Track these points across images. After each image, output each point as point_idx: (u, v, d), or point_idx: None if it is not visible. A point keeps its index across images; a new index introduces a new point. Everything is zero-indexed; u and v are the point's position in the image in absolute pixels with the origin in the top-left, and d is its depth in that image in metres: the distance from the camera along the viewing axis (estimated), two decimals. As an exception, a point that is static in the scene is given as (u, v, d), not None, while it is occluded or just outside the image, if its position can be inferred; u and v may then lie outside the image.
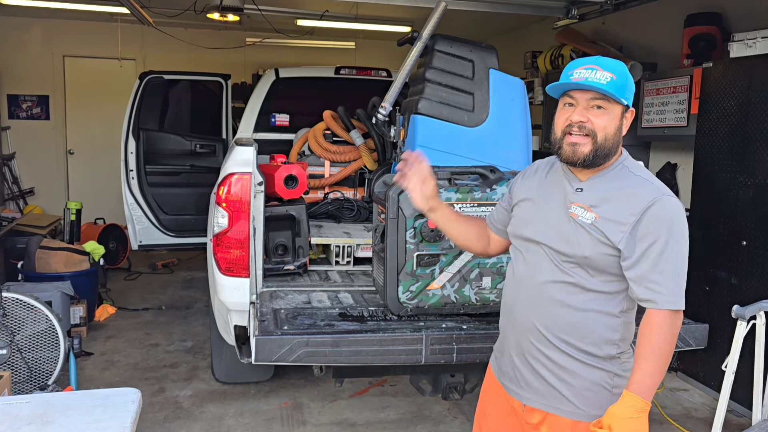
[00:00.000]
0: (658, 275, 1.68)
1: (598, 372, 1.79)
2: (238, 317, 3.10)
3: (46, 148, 8.86)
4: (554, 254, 1.81)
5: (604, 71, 1.72)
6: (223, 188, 3.03)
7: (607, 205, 1.74)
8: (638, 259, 1.70)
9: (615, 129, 1.75)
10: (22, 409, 2.13)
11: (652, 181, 1.77)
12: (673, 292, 1.69)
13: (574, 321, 1.79)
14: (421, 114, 3.14)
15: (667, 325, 1.69)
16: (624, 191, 1.74)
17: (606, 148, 1.74)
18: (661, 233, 1.68)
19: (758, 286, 3.79)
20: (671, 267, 1.69)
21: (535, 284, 1.84)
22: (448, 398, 3.05)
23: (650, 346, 1.69)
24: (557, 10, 4.97)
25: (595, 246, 1.74)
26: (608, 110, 1.74)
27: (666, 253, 1.68)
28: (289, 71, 5.27)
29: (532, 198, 1.92)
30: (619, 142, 1.78)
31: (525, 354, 1.87)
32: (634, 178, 1.77)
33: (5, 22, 8.29)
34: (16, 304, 3.72)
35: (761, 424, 2.95)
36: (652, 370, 1.68)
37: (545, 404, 1.84)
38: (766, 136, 3.77)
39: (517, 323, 1.89)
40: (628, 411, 1.66)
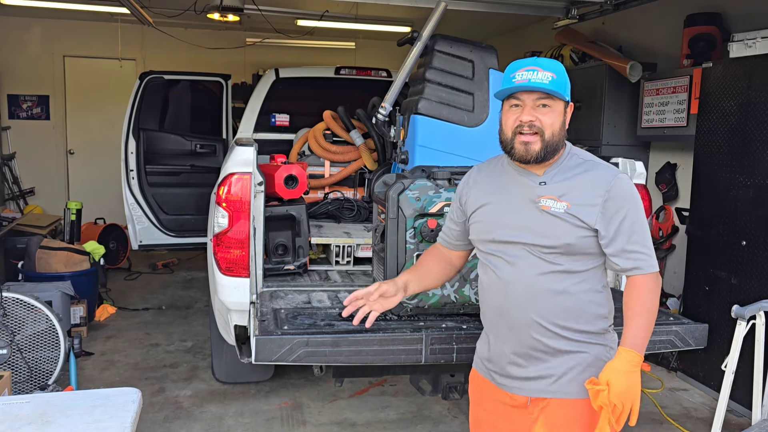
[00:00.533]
0: (634, 245, 1.84)
1: (597, 347, 1.90)
2: (238, 317, 3.10)
3: (46, 148, 8.86)
4: (536, 249, 1.87)
5: (545, 71, 1.82)
6: (224, 188, 3.03)
7: (573, 192, 1.86)
8: (614, 235, 1.84)
9: (560, 124, 1.87)
10: (23, 409, 2.13)
11: (601, 162, 1.93)
12: (651, 256, 1.87)
13: (568, 305, 1.88)
14: (421, 114, 3.15)
15: (653, 284, 1.86)
16: (584, 176, 1.88)
17: (554, 143, 1.86)
18: (628, 208, 1.84)
19: (758, 286, 3.79)
20: (642, 235, 1.86)
21: (525, 281, 1.89)
22: (448, 398, 3.05)
23: (640, 305, 1.84)
24: (557, 10, 4.97)
25: (574, 231, 1.84)
26: (553, 108, 1.85)
27: (635, 224, 1.85)
28: (289, 71, 5.27)
29: (490, 202, 1.97)
30: (564, 136, 1.89)
31: (527, 350, 1.91)
32: (586, 163, 1.92)
33: (5, 22, 8.29)
34: (16, 304, 3.72)
35: (761, 424, 2.95)
36: (644, 324, 1.83)
37: (551, 391, 1.89)
38: (766, 136, 3.77)
39: (515, 322, 1.91)
40: (626, 365, 1.77)
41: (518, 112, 1.86)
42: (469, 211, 2.03)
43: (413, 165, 3.02)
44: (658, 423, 3.83)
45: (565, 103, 1.88)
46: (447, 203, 2.67)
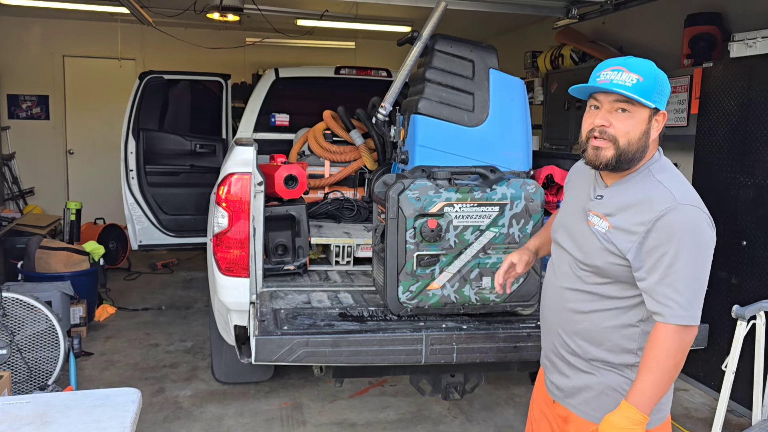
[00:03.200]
0: (666, 288, 1.63)
1: (616, 377, 1.78)
2: (238, 317, 3.09)
3: (46, 148, 8.86)
4: (572, 260, 1.82)
5: (630, 72, 1.66)
6: (223, 188, 3.02)
7: (621, 214, 1.71)
8: (648, 271, 1.66)
9: (640, 133, 1.68)
10: (22, 409, 2.13)
11: (671, 187, 1.68)
12: (682, 307, 1.63)
13: (589, 328, 1.78)
14: (421, 114, 3.14)
15: (672, 339, 1.64)
16: (641, 198, 1.69)
17: (630, 153, 1.69)
18: (671, 244, 1.62)
19: (758, 286, 3.79)
20: (682, 280, 1.63)
21: (556, 289, 1.87)
22: (448, 398, 3.05)
23: (653, 360, 1.66)
24: (557, 10, 4.97)
25: (605, 256, 1.72)
26: (632, 113, 1.68)
27: (676, 265, 1.62)
28: (289, 71, 5.26)
29: (568, 199, 1.95)
30: (646, 146, 1.71)
31: (553, 354, 1.92)
32: (654, 184, 1.70)
33: (5, 22, 8.29)
34: (16, 304, 3.72)
35: (761, 424, 2.95)
36: (653, 383, 1.65)
37: (568, 403, 1.87)
38: (766, 136, 3.76)
39: (547, 325, 1.95)
40: (624, 422, 1.64)
41: (595, 115, 1.72)
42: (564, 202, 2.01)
43: (413, 165, 3.02)
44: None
45: (651, 110, 1.69)
46: (447, 203, 2.67)
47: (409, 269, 2.69)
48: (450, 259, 2.71)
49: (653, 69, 1.70)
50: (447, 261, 2.71)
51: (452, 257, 2.71)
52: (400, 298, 2.72)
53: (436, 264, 2.70)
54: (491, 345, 2.68)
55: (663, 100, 1.71)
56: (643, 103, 1.66)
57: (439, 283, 2.73)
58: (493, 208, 2.71)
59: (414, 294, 2.72)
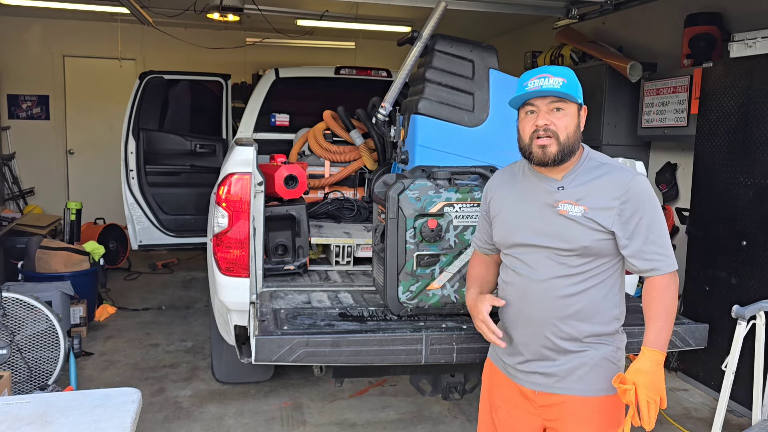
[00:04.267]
0: (651, 245, 1.89)
1: (606, 348, 1.96)
2: (238, 317, 3.09)
3: (46, 148, 8.86)
4: (553, 252, 1.94)
5: (555, 77, 1.89)
6: (223, 188, 3.03)
7: (591, 196, 1.91)
8: (631, 237, 1.89)
9: (575, 126, 1.92)
10: (22, 409, 2.13)
11: (619, 165, 1.97)
12: (668, 257, 1.90)
13: (582, 307, 1.93)
14: (421, 114, 3.14)
15: (672, 285, 1.90)
16: (601, 180, 1.92)
17: (570, 145, 1.91)
18: (645, 209, 1.88)
19: (758, 286, 3.79)
20: (659, 235, 1.90)
21: (541, 282, 1.96)
22: (448, 398, 3.05)
23: (661, 306, 1.89)
24: (557, 10, 4.97)
25: (590, 234, 1.90)
26: (566, 111, 1.91)
27: (652, 225, 1.89)
28: (289, 71, 5.27)
29: (510, 206, 2.05)
30: (579, 139, 1.95)
31: (540, 347, 1.99)
32: (603, 166, 1.96)
33: (5, 22, 8.29)
34: (16, 304, 3.72)
35: (761, 424, 2.95)
36: (665, 325, 1.88)
37: (559, 388, 1.97)
38: (766, 136, 3.76)
39: (531, 320, 2.00)
40: (650, 365, 1.84)
41: (534, 118, 1.92)
42: (492, 215, 2.11)
43: (413, 165, 3.02)
44: (658, 423, 3.81)
45: (578, 105, 1.94)
46: (447, 203, 2.67)
47: (409, 269, 2.69)
48: (450, 259, 2.72)
49: (571, 72, 1.95)
50: (447, 261, 2.71)
51: (452, 257, 2.71)
52: (400, 298, 2.72)
53: (436, 264, 2.71)
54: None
55: (581, 96, 1.97)
56: (573, 100, 1.91)
57: (439, 283, 2.73)
58: (493, 208, 2.71)
59: (414, 294, 2.72)
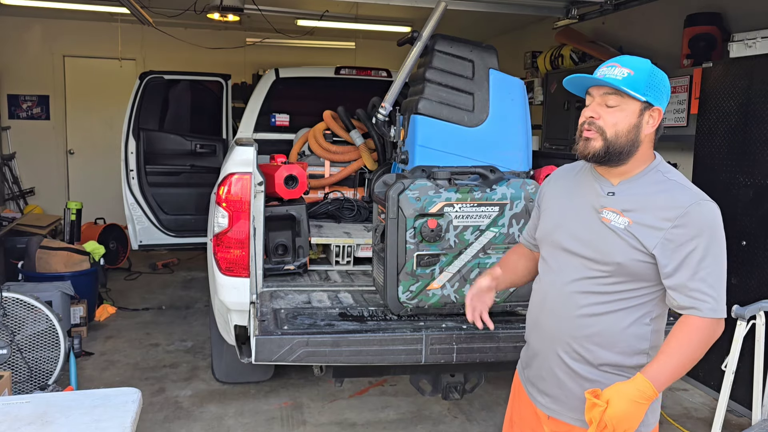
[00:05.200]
0: (699, 283, 1.64)
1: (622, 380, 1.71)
2: (238, 317, 3.10)
3: (46, 148, 8.86)
4: (583, 261, 1.76)
5: (623, 68, 1.68)
6: (224, 188, 3.03)
7: (641, 209, 1.69)
8: (677, 267, 1.65)
9: (629, 126, 1.69)
10: (23, 409, 2.13)
11: (688, 185, 1.72)
12: (716, 300, 1.65)
13: (601, 330, 1.74)
14: (421, 114, 3.14)
15: (705, 332, 1.65)
16: (659, 196, 1.69)
17: (618, 146, 1.69)
18: (700, 240, 1.64)
19: (758, 286, 3.79)
20: (712, 274, 1.65)
21: (562, 293, 1.80)
22: (448, 398, 3.05)
23: (681, 346, 1.65)
24: (557, 10, 4.96)
25: (628, 252, 1.69)
26: (621, 106, 1.69)
27: (706, 260, 1.64)
28: (289, 71, 5.27)
29: (559, 202, 1.88)
30: (635, 141, 1.70)
31: (552, 366, 1.82)
32: (669, 182, 1.71)
33: (5, 22, 8.29)
34: (16, 304, 3.72)
35: (761, 424, 2.95)
36: (675, 366, 1.64)
37: (569, 417, 1.80)
38: (766, 136, 3.77)
39: (544, 334, 1.85)
40: (635, 393, 1.60)
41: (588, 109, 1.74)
42: (542, 209, 1.95)
43: (413, 165, 3.02)
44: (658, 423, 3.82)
45: (643, 104, 1.69)
46: (447, 203, 2.67)
47: (409, 269, 2.69)
48: (450, 259, 2.72)
49: (647, 65, 1.71)
50: (447, 261, 2.72)
51: (452, 257, 2.72)
52: (400, 297, 2.72)
53: (436, 264, 2.71)
54: (491, 345, 2.68)
55: (657, 96, 1.70)
56: (630, 94, 1.67)
57: (439, 283, 2.73)
58: (493, 208, 2.71)
59: (414, 294, 2.72)
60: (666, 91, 1.72)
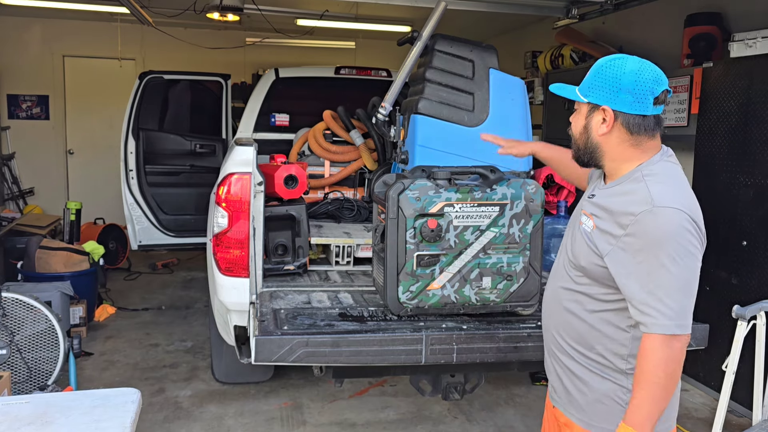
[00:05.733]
0: (648, 296, 1.55)
1: (609, 384, 1.72)
2: (238, 317, 3.09)
3: (45, 148, 8.86)
4: (566, 259, 1.81)
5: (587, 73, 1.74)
6: (223, 188, 3.02)
7: (605, 215, 1.66)
8: (627, 277, 1.59)
9: (580, 128, 1.75)
10: (22, 410, 2.12)
11: (652, 188, 1.59)
12: (666, 316, 1.53)
13: (580, 330, 1.75)
14: (421, 114, 3.14)
15: (659, 350, 1.55)
16: (622, 199, 1.64)
17: (578, 148, 1.78)
18: (650, 251, 1.54)
19: (758, 286, 3.79)
20: (663, 288, 1.54)
21: (554, 289, 1.86)
22: (448, 398, 3.05)
23: (642, 374, 1.58)
24: (557, 10, 4.97)
25: (588, 256, 1.69)
26: (577, 110, 1.78)
27: (656, 273, 1.54)
28: (289, 71, 5.26)
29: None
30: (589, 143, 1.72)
31: (551, 357, 1.90)
32: (639, 184, 1.63)
33: (5, 22, 8.28)
34: (15, 304, 3.72)
35: (761, 424, 2.95)
36: (646, 399, 1.56)
37: (565, 409, 1.84)
38: (766, 136, 3.76)
39: (545, 327, 1.93)
40: None
41: None
42: None
43: (413, 165, 3.02)
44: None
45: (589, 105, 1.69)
46: (447, 203, 2.66)
47: (409, 269, 2.69)
48: (450, 259, 2.71)
49: (601, 65, 1.69)
50: (447, 261, 2.71)
51: (452, 257, 2.71)
52: (400, 298, 2.72)
53: (436, 264, 2.70)
54: (491, 345, 2.68)
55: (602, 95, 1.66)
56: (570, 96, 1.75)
57: (439, 283, 2.73)
58: (493, 208, 2.71)
59: (414, 294, 2.72)
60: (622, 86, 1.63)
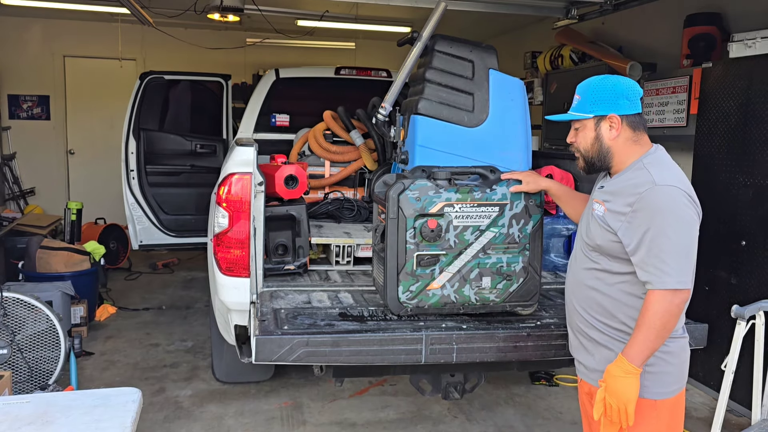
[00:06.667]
0: (653, 258, 1.89)
1: None
2: (239, 317, 3.10)
3: (46, 148, 8.87)
4: (583, 243, 2.15)
5: (576, 95, 2.10)
6: (224, 188, 3.03)
7: (614, 198, 2.01)
8: (637, 246, 1.92)
9: (591, 140, 2.08)
10: (23, 409, 2.13)
11: (653, 171, 1.96)
12: (668, 274, 1.87)
13: (603, 302, 2.05)
14: (421, 114, 3.14)
15: (660, 302, 1.88)
16: (628, 184, 1.99)
17: (592, 158, 2.10)
18: (654, 221, 1.89)
19: (758, 286, 3.79)
20: (665, 250, 1.87)
21: (574, 271, 2.19)
22: (448, 398, 3.05)
23: (642, 319, 1.91)
24: (557, 10, 4.97)
25: (604, 235, 2.02)
26: (581, 127, 2.12)
27: (659, 239, 1.88)
28: (289, 71, 5.27)
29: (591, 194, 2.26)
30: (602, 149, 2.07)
31: (575, 332, 2.20)
32: (641, 171, 1.98)
33: (5, 22, 8.29)
34: (16, 303, 3.73)
35: (761, 424, 2.96)
36: (642, 339, 1.90)
37: (592, 379, 2.11)
38: (765, 136, 3.77)
39: (568, 305, 2.22)
40: (617, 370, 1.91)
41: None
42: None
43: (413, 165, 3.02)
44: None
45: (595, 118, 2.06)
46: (447, 203, 2.67)
47: (409, 269, 2.69)
48: (450, 259, 2.72)
49: (592, 83, 2.08)
50: (447, 261, 2.72)
51: (452, 257, 2.72)
52: (400, 298, 2.72)
53: (436, 264, 2.71)
54: (491, 345, 2.68)
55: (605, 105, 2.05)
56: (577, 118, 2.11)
57: (439, 283, 2.73)
58: (493, 208, 2.71)
59: (414, 294, 2.72)
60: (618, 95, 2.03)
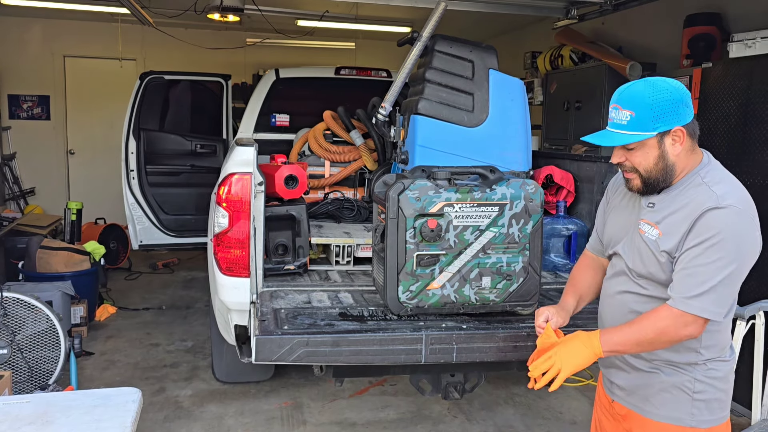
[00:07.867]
0: (684, 276, 1.69)
1: (679, 375, 1.80)
2: (239, 317, 3.10)
3: (46, 148, 8.87)
4: (627, 269, 1.87)
5: (623, 110, 1.73)
6: (224, 188, 3.03)
7: (670, 218, 1.75)
8: (678, 259, 1.72)
9: (654, 159, 1.75)
10: (23, 409, 2.13)
11: (716, 189, 1.71)
12: (693, 297, 1.67)
13: None
14: (421, 114, 3.14)
15: (665, 319, 1.70)
16: (688, 203, 1.73)
17: (654, 177, 1.77)
18: (703, 241, 1.67)
19: (757, 286, 3.78)
20: (701, 273, 1.67)
21: (614, 294, 1.93)
22: (448, 398, 3.05)
23: (639, 322, 1.75)
24: (557, 10, 4.97)
25: (657, 262, 1.77)
26: (639, 146, 1.75)
27: (700, 258, 1.67)
28: (289, 71, 5.27)
29: (620, 209, 1.98)
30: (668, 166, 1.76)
31: (613, 357, 1.93)
32: (700, 187, 1.74)
33: (5, 22, 8.30)
34: (16, 303, 3.73)
35: (761, 424, 2.96)
36: (624, 336, 1.75)
37: (628, 402, 1.91)
38: (765, 136, 3.77)
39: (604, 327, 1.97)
40: (585, 338, 1.79)
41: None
42: (608, 209, 2.04)
43: (413, 165, 3.02)
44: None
45: (657, 135, 1.73)
46: (447, 203, 2.67)
47: (409, 269, 2.69)
48: (450, 259, 2.72)
49: (647, 96, 1.72)
50: (447, 261, 2.72)
51: (452, 257, 2.72)
52: (400, 297, 2.72)
53: (436, 264, 2.71)
54: (491, 345, 2.68)
55: (669, 119, 1.72)
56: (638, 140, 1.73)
57: (439, 283, 2.73)
58: (493, 208, 2.71)
59: (414, 294, 2.72)
60: (677, 103, 1.72)
